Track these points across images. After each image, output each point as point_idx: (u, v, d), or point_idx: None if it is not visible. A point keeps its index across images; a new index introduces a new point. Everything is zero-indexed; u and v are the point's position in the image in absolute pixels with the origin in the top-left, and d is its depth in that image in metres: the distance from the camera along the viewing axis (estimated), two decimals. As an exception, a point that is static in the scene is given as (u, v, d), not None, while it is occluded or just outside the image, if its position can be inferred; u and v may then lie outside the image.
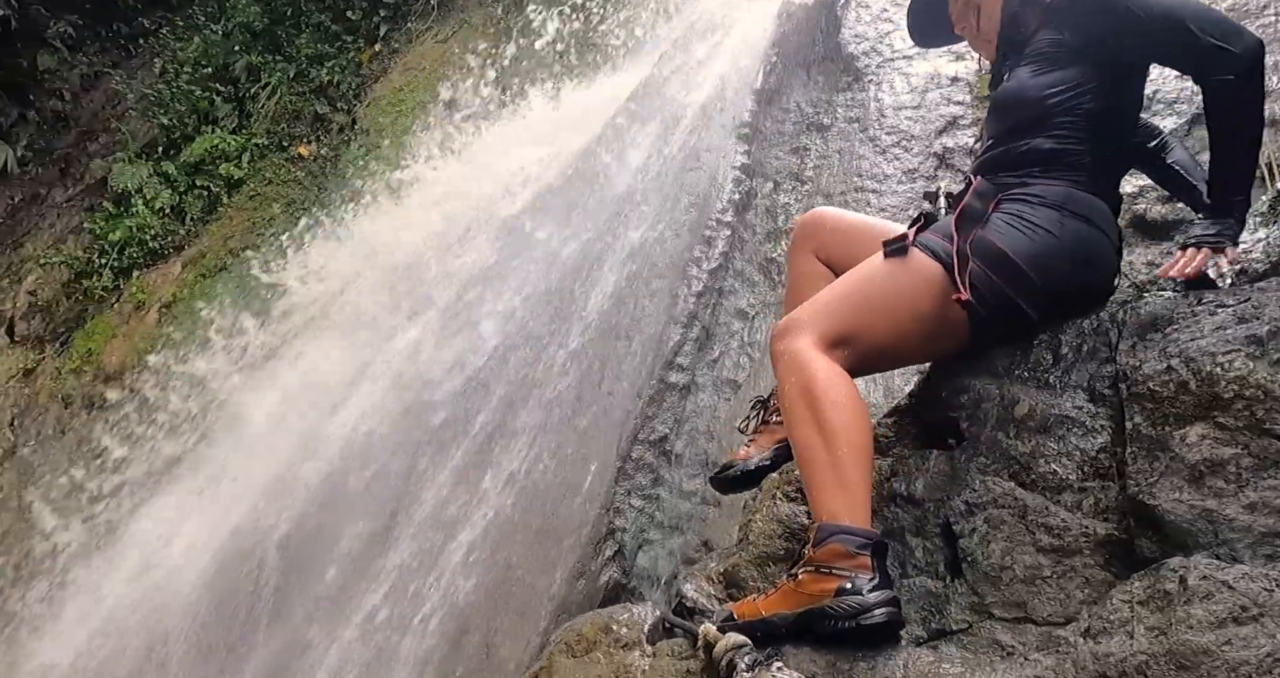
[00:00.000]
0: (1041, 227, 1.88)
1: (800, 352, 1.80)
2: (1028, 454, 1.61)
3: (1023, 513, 1.55)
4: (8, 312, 8.82)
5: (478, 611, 3.90)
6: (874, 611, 1.52)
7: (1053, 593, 1.45)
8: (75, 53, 10.08)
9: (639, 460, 3.86)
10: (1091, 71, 1.97)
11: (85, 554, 6.84)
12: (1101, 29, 1.95)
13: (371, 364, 6.12)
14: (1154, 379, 1.52)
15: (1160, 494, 1.42)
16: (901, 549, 1.67)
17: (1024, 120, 2.00)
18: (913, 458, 1.82)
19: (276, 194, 8.81)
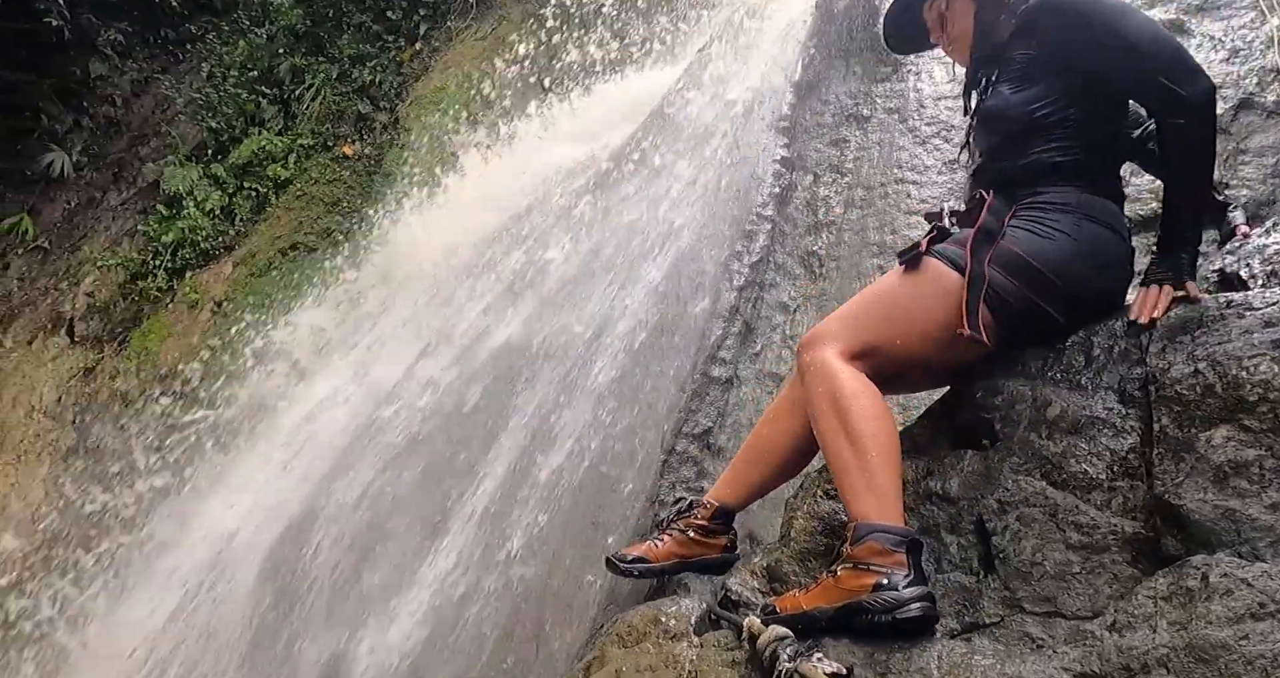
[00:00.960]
0: (1060, 231, 1.94)
1: (827, 362, 1.87)
2: (1059, 454, 1.66)
3: (1053, 512, 1.60)
4: (68, 313, 9.06)
5: (528, 602, 3.98)
6: (910, 605, 1.58)
7: (1081, 589, 1.50)
8: (125, 59, 10.31)
9: (683, 454, 3.90)
10: (1069, 83, 2.03)
11: (148, 550, 7.05)
12: (1069, 50, 2.01)
13: (420, 359, 6.23)
14: (1181, 382, 1.57)
15: (1185, 494, 1.46)
16: (937, 546, 1.73)
17: (1014, 135, 2.06)
18: (948, 458, 1.87)
19: (323, 193, 8.96)
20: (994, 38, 2.20)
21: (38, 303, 9.31)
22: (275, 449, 6.88)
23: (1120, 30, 1.93)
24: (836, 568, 1.71)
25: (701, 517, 2.13)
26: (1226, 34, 4.03)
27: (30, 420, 8.53)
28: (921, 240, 2.00)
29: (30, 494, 8.03)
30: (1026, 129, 2.04)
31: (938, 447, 1.91)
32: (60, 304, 9.18)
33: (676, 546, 2.12)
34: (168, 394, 8.13)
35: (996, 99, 2.10)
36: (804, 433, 2.05)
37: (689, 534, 2.13)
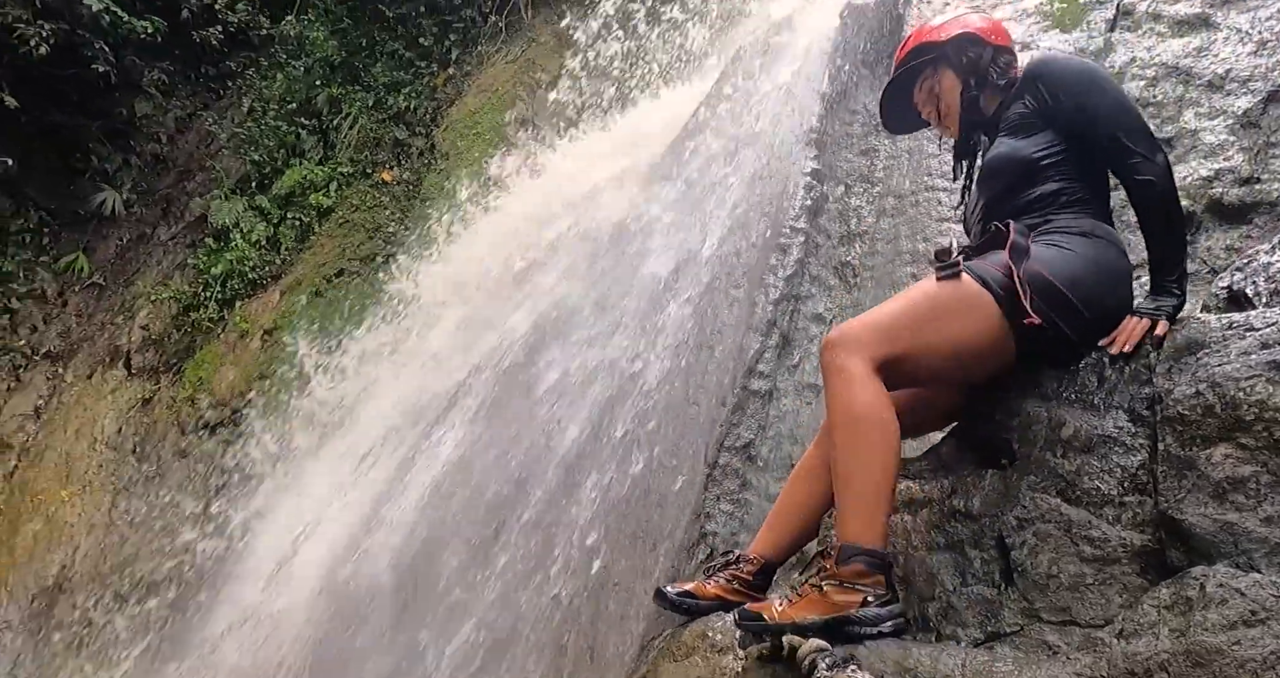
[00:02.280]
0: (1074, 252, 2.10)
1: (851, 372, 1.96)
2: (1073, 472, 1.78)
3: (1068, 527, 1.71)
4: (124, 346, 9.36)
5: (581, 615, 4.09)
6: (885, 622, 1.80)
7: (1094, 598, 1.62)
8: (169, 98, 10.64)
9: (726, 466, 3.96)
10: (1061, 132, 2.24)
11: (213, 573, 7.27)
12: (1055, 108, 2.24)
13: (467, 382, 6.38)
14: (1183, 403, 1.68)
15: (1187, 509, 1.57)
16: (961, 560, 1.85)
17: (1019, 177, 2.25)
18: (970, 477, 1.99)
19: (364, 220, 9.17)
20: (982, 111, 2.45)
21: (96, 338, 9.62)
22: (332, 470, 7.07)
23: (1092, 99, 2.18)
24: (822, 584, 1.87)
25: (746, 572, 2.25)
26: (1254, 26, 4.04)
27: (93, 452, 8.80)
28: (958, 256, 2.11)
29: (96, 522, 8.30)
30: (1030, 170, 2.23)
31: (962, 466, 2.02)
32: (117, 338, 9.48)
33: (721, 590, 2.24)
34: (223, 421, 8.36)
35: (1003, 148, 2.29)
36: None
37: (734, 585, 2.24)
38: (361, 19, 10.44)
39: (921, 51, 2.52)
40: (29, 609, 7.88)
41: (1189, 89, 4.00)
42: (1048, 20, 4.79)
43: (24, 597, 7.94)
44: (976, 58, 2.45)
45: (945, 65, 2.49)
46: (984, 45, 2.45)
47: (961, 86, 2.46)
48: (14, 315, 9.51)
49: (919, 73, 2.54)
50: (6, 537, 8.35)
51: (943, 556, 1.90)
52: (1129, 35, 4.39)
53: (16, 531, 8.33)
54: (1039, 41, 4.68)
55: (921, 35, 2.54)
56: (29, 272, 9.71)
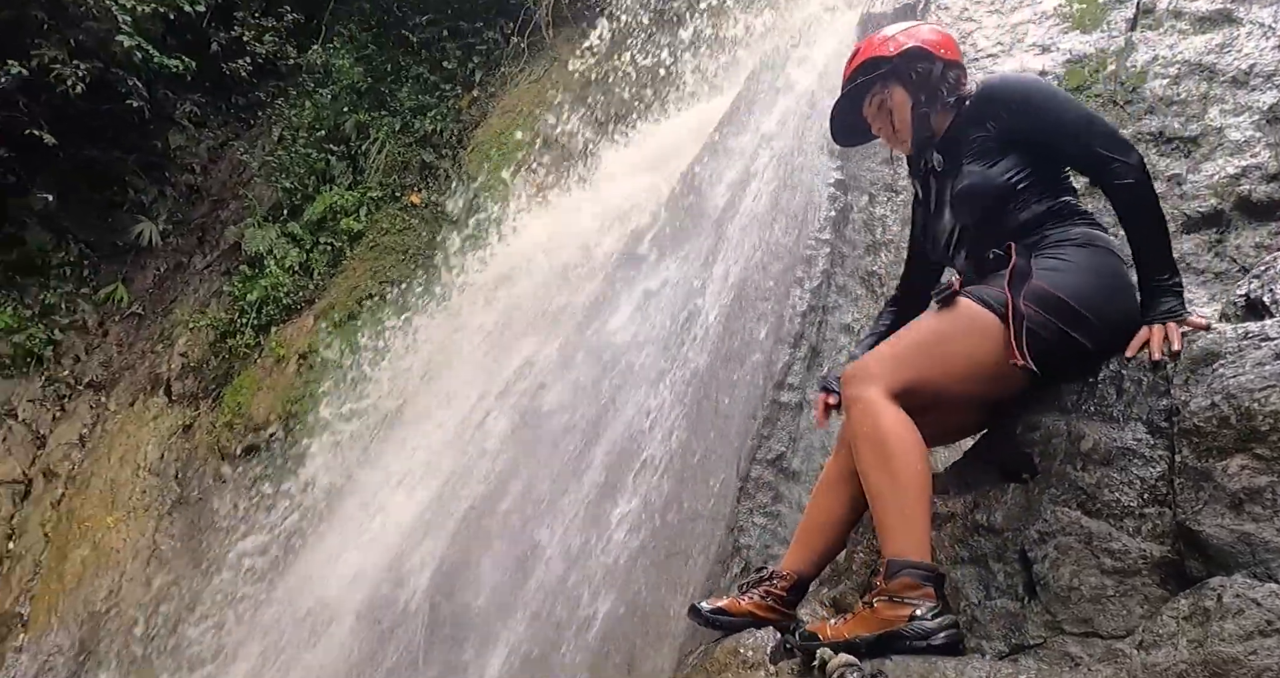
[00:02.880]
0: (1076, 263, 2.14)
1: (871, 401, 2.04)
2: (1093, 485, 1.79)
3: (1089, 539, 1.72)
4: (164, 374, 9.53)
5: (618, 630, 4.11)
6: (938, 634, 1.81)
7: (1116, 610, 1.63)
8: (201, 129, 10.86)
9: (758, 479, 3.97)
10: (1029, 152, 2.26)
11: (255, 593, 7.36)
12: (1018, 128, 2.25)
13: (497, 401, 6.43)
14: (1199, 415, 1.68)
15: (1204, 520, 1.58)
16: (985, 574, 1.87)
17: (995, 203, 2.27)
18: (993, 491, 2.01)
19: (394, 243, 9.29)
20: (934, 127, 2.44)
21: (136, 366, 9.81)
22: (370, 493, 7.14)
23: (1055, 112, 2.20)
24: (873, 600, 1.91)
25: (780, 588, 2.30)
26: (1276, 20, 4.02)
27: (137, 478, 8.95)
28: (955, 282, 2.16)
29: (141, 547, 8.43)
30: (1006, 195, 2.26)
31: (984, 481, 2.04)
32: (157, 366, 9.65)
33: (754, 607, 2.28)
34: (261, 445, 8.48)
35: (972, 178, 2.29)
36: (858, 497, 2.22)
37: (768, 602, 2.29)
38: (386, 44, 10.60)
39: (871, 66, 2.50)
40: (78, 634, 8.02)
41: (1213, 86, 3.98)
42: (1067, 22, 4.77)
43: (73, 622, 8.09)
44: (926, 73, 2.43)
45: (895, 80, 2.46)
46: (934, 60, 2.43)
47: (912, 102, 2.45)
48: (57, 347, 9.72)
49: (869, 89, 2.52)
50: (56, 564, 8.52)
51: (966, 569, 1.92)
52: (1150, 33, 4.37)
53: (65, 557, 8.50)
54: (1059, 43, 4.66)
55: (871, 48, 2.52)
56: (70, 303, 9.93)
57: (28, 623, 8.31)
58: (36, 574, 8.57)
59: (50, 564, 8.56)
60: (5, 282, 9.67)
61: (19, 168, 9.33)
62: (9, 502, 9.04)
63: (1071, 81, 4.45)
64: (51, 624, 8.14)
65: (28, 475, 9.26)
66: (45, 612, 8.25)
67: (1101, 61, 4.31)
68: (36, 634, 8.16)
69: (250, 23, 10.61)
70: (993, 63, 5.07)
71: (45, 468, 9.23)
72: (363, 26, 11.01)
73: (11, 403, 9.40)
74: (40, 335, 9.56)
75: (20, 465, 9.25)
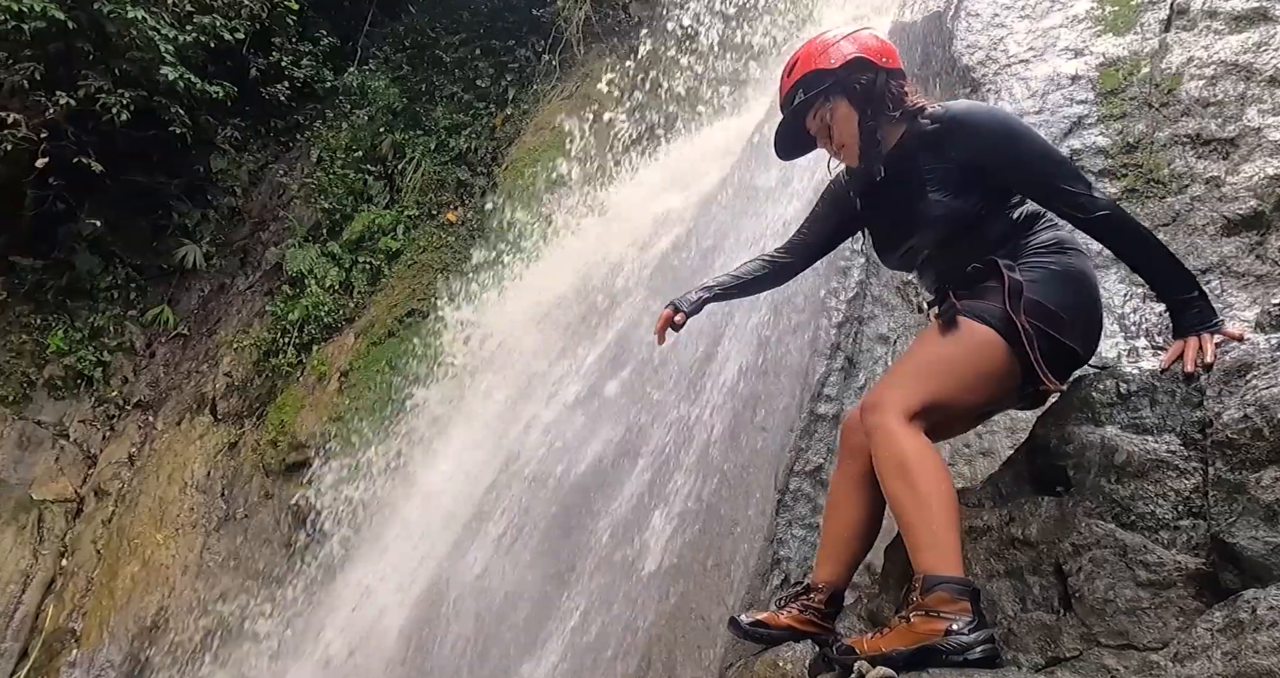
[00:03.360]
0: (1057, 269, 2.18)
1: (890, 427, 2.07)
2: (1128, 497, 1.79)
3: (1123, 552, 1.72)
4: (210, 393, 9.70)
5: (659, 643, 4.12)
6: (975, 648, 1.81)
7: (1151, 622, 1.62)
8: (242, 152, 11.07)
9: (797, 491, 3.96)
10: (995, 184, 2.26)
11: (301, 608, 7.46)
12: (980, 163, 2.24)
13: (535, 416, 6.48)
14: (1231, 427, 1.68)
15: (1238, 533, 1.57)
16: (1021, 586, 1.87)
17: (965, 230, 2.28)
18: (1027, 505, 2.02)
19: (431, 260, 9.40)
20: (881, 140, 2.39)
21: (183, 386, 10.00)
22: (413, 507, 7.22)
23: (1018, 150, 2.19)
24: (909, 614, 1.92)
25: (818, 601, 2.32)
26: (1315, 17, 3.95)
27: (185, 495, 9.11)
28: (955, 303, 2.19)
29: (189, 563, 8.57)
30: (974, 222, 2.27)
31: (1019, 494, 2.05)
32: (203, 385, 9.83)
33: (793, 620, 2.31)
34: (304, 462, 8.59)
35: (939, 209, 2.27)
36: (873, 501, 2.27)
37: (806, 615, 2.32)
38: (420, 65, 10.76)
39: (814, 81, 2.40)
40: (129, 650, 8.16)
41: (1250, 86, 3.92)
42: (1099, 25, 4.72)
43: (124, 638, 8.24)
44: (869, 84, 2.36)
45: (839, 93, 2.38)
46: (876, 70, 2.36)
47: (858, 116, 2.39)
48: (106, 368, 9.94)
49: (811, 105, 2.43)
50: (107, 580, 8.69)
51: (1002, 582, 1.93)
52: (1185, 34, 4.32)
53: (116, 574, 8.66)
54: (1092, 47, 4.62)
55: (811, 60, 2.42)
56: (119, 326, 10.16)
57: (80, 638, 8.47)
58: (89, 591, 8.75)
59: (102, 581, 8.73)
60: (56, 305, 9.92)
61: (68, 195, 9.57)
62: (62, 520, 9.24)
63: (1106, 85, 4.40)
64: (103, 640, 8.29)
65: (79, 494, 9.46)
66: (97, 627, 8.42)
67: (1135, 64, 4.26)
68: (89, 649, 8.32)
69: (288, 48, 10.82)
70: (1025, 68, 5.02)
71: (96, 486, 9.43)
72: (397, 48, 11.19)
73: (63, 424, 9.61)
74: (90, 357, 9.78)
75: (72, 484, 9.45)
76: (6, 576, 8.70)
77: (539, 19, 10.14)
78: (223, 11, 9.63)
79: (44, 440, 9.47)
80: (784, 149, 2.64)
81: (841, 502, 2.34)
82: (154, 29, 8.76)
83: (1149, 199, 3.70)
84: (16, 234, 9.74)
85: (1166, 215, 3.59)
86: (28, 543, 8.93)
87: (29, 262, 9.74)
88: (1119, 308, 3.27)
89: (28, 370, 9.48)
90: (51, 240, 9.92)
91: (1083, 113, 4.49)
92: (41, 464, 9.36)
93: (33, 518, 9.05)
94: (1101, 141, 4.04)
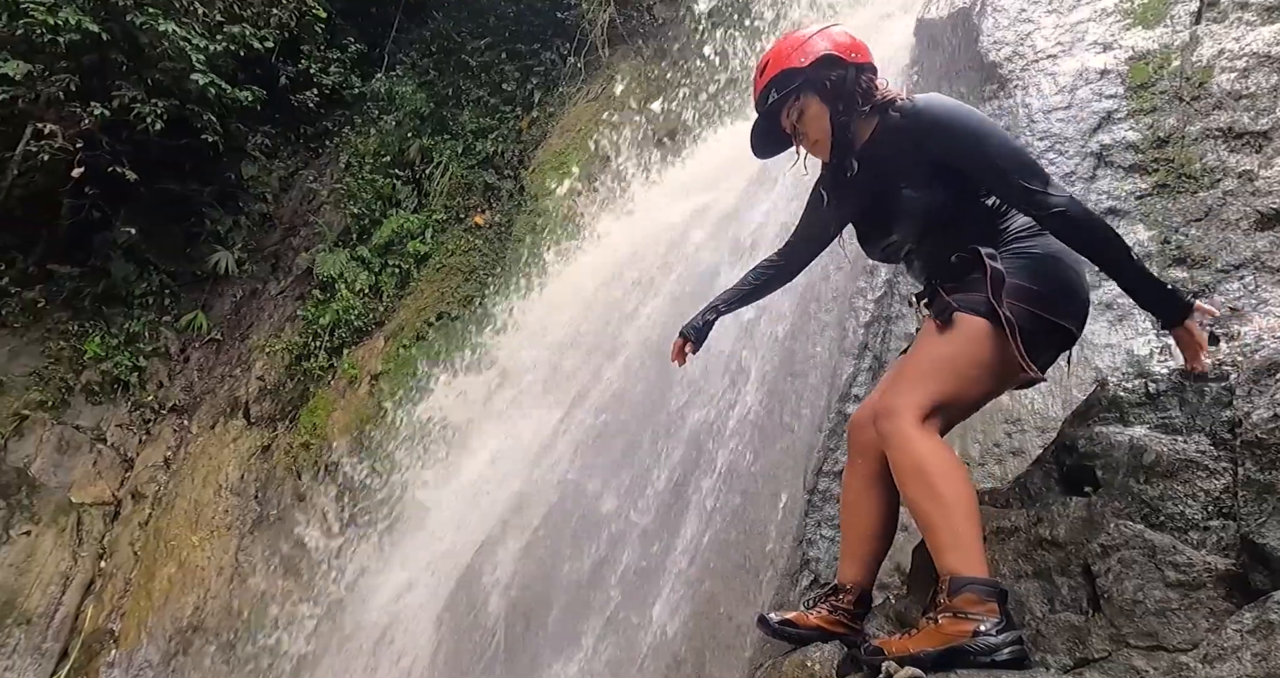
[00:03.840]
0: (1039, 253, 2.20)
1: (905, 432, 2.08)
2: (1156, 498, 1.77)
3: (1152, 552, 1.71)
4: (243, 397, 9.82)
5: (689, 644, 4.13)
6: (1003, 649, 1.81)
7: (1181, 623, 1.61)
8: (272, 159, 11.21)
9: (825, 492, 3.95)
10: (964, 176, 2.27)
11: (337, 607, 7.53)
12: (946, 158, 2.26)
13: (565, 419, 6.50)
14: (1261, 427, 1.66)
15: (1268, 533, 1.56)
16: (1049, 587, 1.85)
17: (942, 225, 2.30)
18: (1055, 505, 2.01)
19: (459, 264, 9.45)
20: (853, 135, 2.42)
21: (216, 390, 10.13)
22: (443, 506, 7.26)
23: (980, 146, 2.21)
24: (936, 616, 1.93)
25: (846, 602, 2.33)
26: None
27: (219, 498, 9.23)
28: (949, 300, 2.20)
29: (224, 565, 8.68)
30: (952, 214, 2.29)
31: (1046, 495, 2.03)
32: (236, 389, 9.96)
33: (821, 621, 2.32)
34: (336, 465, 8.67)
35: (914, 203, 2.31)
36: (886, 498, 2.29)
37: (835, 616, 2.32)
38: (447, 70, 10.83)
39: (784, 80, 2.43)
40: (166, 650, 8.28)
41: (1284, 78, 3.86)
42: (1129, 18, 4.66)
43: (162, 638, 8.36)
44: (840, 80, 2.39)
45: (810, 90, 2.41)
46: (846, 66, 2.39)
47: (830, 112, 2.42)
48: (142, 373, 10.09)
49: (784, 104, 2.45)
50: (144, 582, 8.82)
51: (1030, 583, 1.92)
52: (1216, 27, 4.25)
53: (153, 576, 8.79)
54: (1121, 40, 4.56)
55: (781, 60, 2.45)
56: (154, 331, 10.31)
57: (119, 639, 8.61)
58: (126, 592, 8.89)
59: (139, 582, 8.87)
60: (93, 312, 10.08)
61: (104, 203, 9.73)
62: (100, 522, 9.39)
63: (1135, 79, 4.34)
64: (141, 640, 8.42)
65: (117, 497, 9.61)
66: (135, 628, 8.55)
67: (1166, 57, 4.20)
68: (127, 650, 8.45)
69: (316, 55, 10.95)
70: (1052, 64, 4.96)
71: (133, 489, 9.57)
72: (423, 53, 11.27)
73: (101, 428, 9.77)
74: (126, 363, 9.93)
75: (110, 487, 9.60)
76: (47, 577, 8.86)
77: (563, 22, 10.18)
78: (252, 21, 9.76)
79: (82, 445, 9.62)
80: (760, 148, 2.66)
81: (854, 500, 2.36)
82: (185, 39, 8.89)
83: (1181, 194, 3.65)
84: (54, 243, 9.92)
85: (1199, 210, 3.55)
86: (67, 545, 9.08)
87: (66, 269, 9.91)
88: (1150, 305, 3.23)
89: (66, 376, 9.64)
90: (88, 248, 10.09)
91: (1112, 107, 4.43)
92: (80, 468, 9.52)
93: (72, 521, 9.20)
94: (1131, 136, 4.00)
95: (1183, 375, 1.95)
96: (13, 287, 9.57)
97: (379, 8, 11.91)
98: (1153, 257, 3.50)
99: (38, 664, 8.54)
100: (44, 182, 9.45)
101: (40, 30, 8.31)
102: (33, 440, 9.33)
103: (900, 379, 2.21)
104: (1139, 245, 3.56)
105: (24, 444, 9.27)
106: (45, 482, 9.24)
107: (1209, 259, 3.34)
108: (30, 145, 8.90)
